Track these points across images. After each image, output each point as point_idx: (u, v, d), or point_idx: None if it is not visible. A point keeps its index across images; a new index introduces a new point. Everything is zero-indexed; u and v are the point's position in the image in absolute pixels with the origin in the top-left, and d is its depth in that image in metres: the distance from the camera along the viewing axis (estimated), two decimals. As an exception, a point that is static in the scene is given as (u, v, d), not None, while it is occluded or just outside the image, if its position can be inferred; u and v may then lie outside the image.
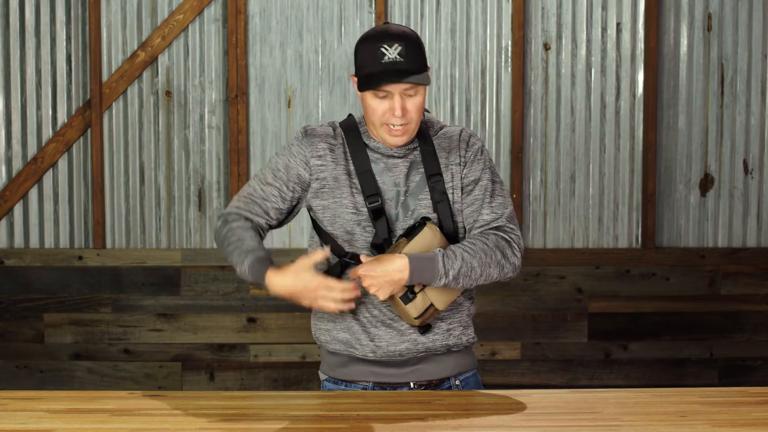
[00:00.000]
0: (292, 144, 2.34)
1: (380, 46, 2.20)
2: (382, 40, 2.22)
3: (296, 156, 2.32)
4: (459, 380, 2.39)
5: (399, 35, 2.22)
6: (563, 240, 4.42)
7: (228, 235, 2.30)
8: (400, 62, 2.20)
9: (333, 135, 2.34)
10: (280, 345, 4.36)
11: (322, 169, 2.30)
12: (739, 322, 4.42)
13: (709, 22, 4.37)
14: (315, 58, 4.35)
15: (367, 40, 2.25)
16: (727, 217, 4.43)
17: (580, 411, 2.11)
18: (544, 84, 4.38)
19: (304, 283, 2.18)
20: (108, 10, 4.29)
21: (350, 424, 2.00)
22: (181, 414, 2.08)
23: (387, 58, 2.20)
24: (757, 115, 4.40)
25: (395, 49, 2.20)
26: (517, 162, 4.36)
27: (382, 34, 2.23)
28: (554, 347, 4.39)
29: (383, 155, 2.32)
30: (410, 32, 2.25)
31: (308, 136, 2.33)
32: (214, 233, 2.38)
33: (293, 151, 2.33)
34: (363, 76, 2.23)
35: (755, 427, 1.99)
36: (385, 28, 2.26)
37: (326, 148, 2.31)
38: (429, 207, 2.30)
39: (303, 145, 2.32)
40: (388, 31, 2.24)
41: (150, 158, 4.35)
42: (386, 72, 2.20)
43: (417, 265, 2.17)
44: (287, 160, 2.33)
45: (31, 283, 4.33)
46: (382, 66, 2.20)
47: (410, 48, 2.22)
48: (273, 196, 2.33)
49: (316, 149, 2.31)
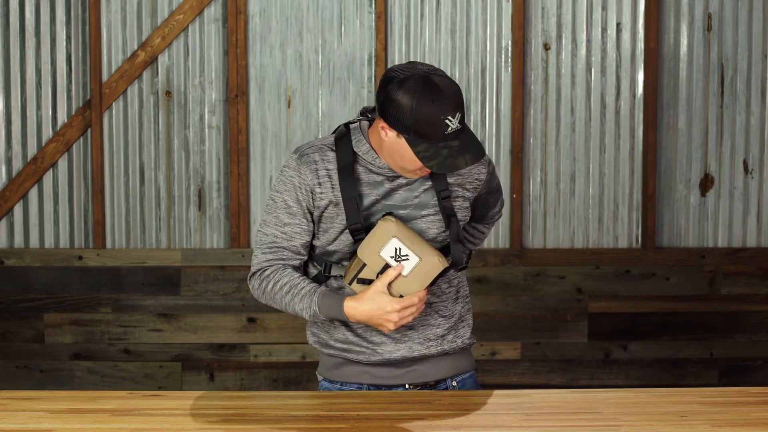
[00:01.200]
0: (292, 176, 2.27)
1: (444, 117, 2.09)
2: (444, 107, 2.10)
3: (300, 187, 2.26)
4: (456, 382, 2.38)
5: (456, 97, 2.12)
6: (563, 240, 4.42)
7: (275, 288, 2.26)
8: (459, 130, 2.12)
9: (329, 158, 2.27)
10: (280, 345, 4.36)
11: (322, 197, 2.26)
12: (739, 322, 4.42)
13: (709, 22, 4.37)
14: (315, 58, 4.35)
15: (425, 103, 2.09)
16: (727, 217, 4.44)
17: (580, 411, 2.11)
18: (544, 84, 4.38)
19: (380, 306, 2.16)
20: (108, 10, 4.29)
21: (350, 424, 2.00)
22: (181, 414, 2.08)
23: (450, 129, 2.11)
24: (757, 115, 4.40)
25: (457, 119, 2.12)
26: (517, 162, 4.36)
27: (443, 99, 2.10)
28: (554, 347, 4.39)
29: (383, 176, 2.27)
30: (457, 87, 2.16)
31: (305, 163, 2.26)
32: (255, 293, 2.32)
33: (296, 182, 2.26)
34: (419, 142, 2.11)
35: (755, 427, 1.99)
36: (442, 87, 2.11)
37: (325, 175, 2.26)
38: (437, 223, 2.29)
39: (303, 174, 2.25)
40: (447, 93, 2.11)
41: (150, 158, 4.35)
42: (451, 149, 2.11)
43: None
44: (296, 194, 2.26)
45: (31, 283, 4.33)
46: (446, 137, 2.11)
47: (463, 108, 2.14)
48: (297, 234, 2.28)
49: (317, 176, 2.26)
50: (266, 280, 2.28)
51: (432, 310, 2.33)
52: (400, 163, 2.20)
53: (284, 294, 2.25)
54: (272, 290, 2.27)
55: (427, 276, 2.18)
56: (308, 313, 2.23)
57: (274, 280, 2.27)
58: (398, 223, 2.21)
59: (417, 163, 2.16)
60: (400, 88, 2.11)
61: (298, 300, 2.23)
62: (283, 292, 2.25)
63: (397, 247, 2.18)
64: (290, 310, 2.26)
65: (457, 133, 2.12)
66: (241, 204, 4.33)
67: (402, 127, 2.12)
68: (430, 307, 2.33)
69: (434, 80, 2.12)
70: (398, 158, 2.19)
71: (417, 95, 2.10)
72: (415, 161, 2.15)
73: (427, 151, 2.11)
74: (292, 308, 2.26)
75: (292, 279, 2.25)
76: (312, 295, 2.22)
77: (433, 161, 2.11)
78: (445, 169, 2.12)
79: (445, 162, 2.11)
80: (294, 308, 2.25)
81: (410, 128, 2.11)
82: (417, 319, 2.29)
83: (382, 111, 2.16)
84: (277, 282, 2.26)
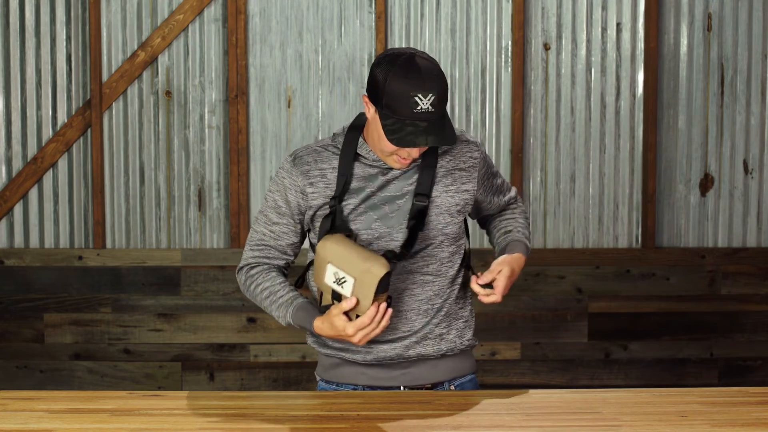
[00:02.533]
0: (283, 177, 2.30)
1: (414, 94, 2.11)
2: (415, 84, 2.12)
3: (291, 188, 2.29)
4: (454, 385, 2.37)
5: (433, 79, 2.13)
6: (563, 240, 4.42)
7: (257, 290, 2.35)
8: (431, 113, 2.12)
9: (325, 157, 2.29)
10: (280, 345, 4.36)
11: (315, 196, 2.28)
12: (739, 322, 4.42)
13: (709, 22, 4.37)
14: (315, 58, 4.35)
15: (399, 76, 2.13)
16: (727, 217, 4.44)
17: (580, 411, 2.11)
18: (544, 84, 4.38)
19: (337, 330, 2.18)
20: (108, 10, 4.29)
21: (350, 424, 2.00)
22: (181, 414, 2.08)
23: (420, 108, 2.12)
24: (757, 115, 4.41)
25: (429, 100, 2.13)
26: (517, 162, 4.36)
27: (417, 76, 2.13)
28: (554, 347, 4.39)
29: (378, 168, 2.29)
30: (441, 73, 2.17)
31: (297, 165, 2.29)
32: (241, 288, 2.40)
33: (286, 183, 2.29)
34: (388, 115, 2.14)
35: (755, 427, 1.99)
36: (420, 66, 2.14)
37: (318, 175, 2.28)
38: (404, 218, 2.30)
39: (294, 176, 2.28)
40: (423, 72, 2.13)
41: (150, 158, 4.35)
42: (417, 127, 2.12)
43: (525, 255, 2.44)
44: (285, 195, 2.30)
45: (31, 283, 4.33)
46: (414, 115, 2.12)
47: (441, 95, 2.14)
48: (284, 234, 2.33)
49: (308, 177, 2.28)
50: (250, 280, 2.36)
51: (434, 310, 2.33)
52: (378, 145, 2.22)
53: (264, 298, 2.33)
54: (254, 291, 2.36)
55: (369, 289, 2.12)
56: (284, 321, 2.31)
57: (256, 282, 2.35)
58: (333, 242, 2.19)
59: (389, 144, 2.17)
60: (382, 64, 2.18)
61: (275, 308, 2.31)
62: (263, 296, 2.33)
63: (334, 272, 2.18)
64: (270, 313, 2.35)
65: (427, 114, 2.12)
66: (241, 204, 4.33)
67: (376, 99, 2.17)
68: (432, 308, 2.32)
69: (415, 60, 2.16)
70: (376, 137, 2.22)
71: (393, 70, 2.14)
72: (387, 140, 2.17)
73: (393, 125, 2.14)
74: (270, 312, 2.34)
75: (273, 285, 2.33)
76: (288, 307, 2.29)
77: (395, 135, 2.14)
78: (403, 143, 2.13)
79: (406, 138, 2.13)
80: (272, 313, 2.33)
81: (382, 100, 2.15)
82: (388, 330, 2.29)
83: (367, 87, 2.23)
84: (259, 285, 2.34)
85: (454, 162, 2.33)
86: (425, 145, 2.13)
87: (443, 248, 2.32)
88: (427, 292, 2.31)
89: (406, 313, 2.30)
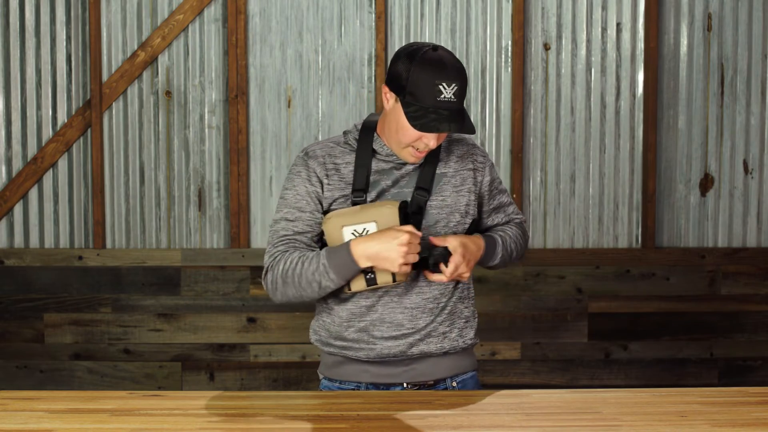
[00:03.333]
0: (300, 171, 2.31)
1: (439, 83, 2.15)
2: (440, 74, 2.16)
3: (310, 179, 2.30)
4: (456, 382, 2.38)
5: (457, 71, 2.17)
6: (563, 240, 4.42)
7: (287, 266, 2.24)
8: (453, 103, 2.16)
9: (338, 152, 2.32)
10: (280, 345, 4.36)
11: (330, 188, 2.30)
12: (739, 322, 4.42)
13: (709, 22, 4.37)
14: (315, 58, 4.35)
15: (423, 65, 2.17)
16: (727, 217, 4.44)
17: (580, 411, 2.11)
18: (544, 84, 4.38)
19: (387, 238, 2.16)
20: (108, 10, 4.29)
21: (350, 424, 2.00)
22: (181, 414, 2.08)
23: (443, 96, 2.15)
24: (757, 115, 4.40)
25: (452, 89, 2.16)
26: (517, 162, 4.36)
27: (441, 66, 2.17)
28: (554, 347, 4.39)
29: (392, 163, 2.32)
30: (462, 67, 2.21)
31: (312, 158, 2.31)
32: (270, 288, 2.28)
33: (303, 176, 2.30)
34: (411, 103, 2.18)
35: (755, 427, 1.99)
36: (443, 57, 2.18)
37: (333, 169, 2.31)
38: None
39: (311, 168, 2.30)
40: (447, 63, 2.17)
41: (150, 158, 4.35)
42: (440, 115, 2.16)
43: (490, 245, 2.35)
44: (305, 187, 2.30)
45: (31, 283, 4.33)
46: (437, 104, 2.16)
47: (463, 86, 2.18)
48: (308, 226, 2.30)
49: (324, 169, 2.30)
50: (277, 266, 2.26)
51: (439, 308, 2.34)
52: (395, 137, 2.25)
53: (294, 267, 2.23)
54: (284, 270, 2.24)
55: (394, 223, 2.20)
56: (318, 272, 2.21)
57: (284, 260, 2.25)
58: (338, 212, 2.25)
59: (409, 133, 2.20)
60: (405, 55, 2.21)
61: (307, 265, 2.22)
62: (293, 266, 2.23)
63: (352, 231, 2.22)
64: (304, 283, 2.23)
65: (449, 104, 2.16)
66: (241, 204, 4.33)
67: (399, 88, 2.20)
68: (437, 307, 2.34)
69: (438, 51, 2.20)
70: (394, 129, 2.24)
71: (417, 59, 2.18)
72: (407, 129, 2.20)
73: (416, 112, 2.17)
74: (305, 278, 2.22)
75: (302, 253, 2.25)
76: (319, 253, 2.22)
77: (418, 121, 2.17)
78: (426, 129, 2.16)
79: (429, 124, 2.16)
80: (306, 277, 2.22)
81: (405, 88, 2.18)
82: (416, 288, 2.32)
83: (387, 78, 2.25)
84: (287, 260, 2.24)
85: (462, 163, 2.38)
86: (448, 131, 2.16)
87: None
88: (432, 291, 2.34)
89: (412, 311, 2.32)
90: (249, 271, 4.31)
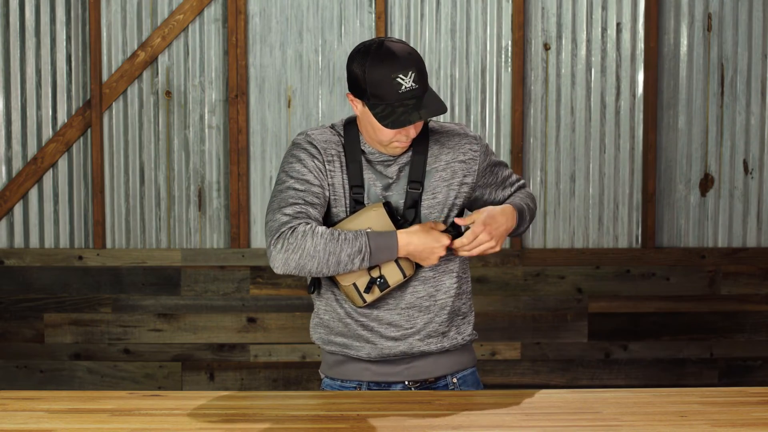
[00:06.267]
0: (306, 148, 2.27)
1: (395, 76, 2.14)
2: (394, 66, 2.15)
3: (316, 157, 2.27)
4: (456, 378, 2.39)
5: (409, 57, 2.16)
6: (563, 240, 4.42)
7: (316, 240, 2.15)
8: (417, 89, 2.16)
9: (334, 141, 2.30)
10: (280, 345, 4.36)
11: (333, 174, 2.28)
12: (739, 322, 4.42)
13: (709, 22, 4.37)
14: (315, 58, 4.35)
15: (375, 64, 2.16)
16: (727, 217, 4.44)
17: (580, 411, 2.11)
18: (544, 84, 4.38)
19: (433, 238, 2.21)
20: (108, 10, 4.29)
21: (350, 424, 2.00)
22: (181, 414, 2.08)
23: (404, 87, 2.15)
24: (757, 115, 4.40)
25: (411, 77, 2.15)
26: (517, 162, 4.36)
27: (392, 58, 2.15)
28: (554, 347, 4.39)
29: (377, 161, 2.31)
30: (413, 50, 2.19)
31: (316, 140, 2.29)
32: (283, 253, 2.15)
33: (312, 152, 2.27)
34: (376, 103, 2.17)
35: (755, 427, 1.99)
36: (391, 49, 2.17)
37: (334, 155, 2.29)
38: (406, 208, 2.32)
39: (313, 148, 2.28)
40: (397, 54, 2.16)
41: (150, 158, 4.35)
42: (407, 107, 2.15)
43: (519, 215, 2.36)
44: (314, 162, 2.25)
45: (31, 283, 4.33)
46: (402, 96, 2.15)
47: (421, 69, 2.17)
48: (318, 199, 2.24)
49: (326, 154, 2.28)
50: (303, 234, 2.15)
51: (438, 307, 2.34)
52: (374, 137, 2.24)
53: (326, 244, 2.15)
54: (314, 245, 2.15)
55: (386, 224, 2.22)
56: (355, 255, 2.16)
57: (311, 232, 2.16)
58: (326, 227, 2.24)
59: (385, 132, 2.20)
60: (356, 58, 2.21)
61: (344, 246, 2.16)
62: (325, 243, 2.15)
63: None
64: (332, 261, 2.16)
65: (413, 92, 2.16)
66: (241, 204, 4.33)
67: (360, 92, 2.20)
68: (435, 305, 2.34)
69: (386, 45, 2.19)
70: (371, 130, 2.24)
71: (368, 59, 2.17)
72: (381, 129, 2.20)
73: (383, 111, 2.17)
74: (336, 257, 2.16)
75: (332, 231, 2.18)
76: (359, 235, 2.18)
77: (388, 119, 2.16)
78: (399, 124, 2.15)
79: (399, 118, 2.15)
80: (339, 257, 2.16)
81: (366, 91, 2.18)
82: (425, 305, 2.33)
83: (348, 85, 2.25)
84: (316, 234, 2.16)
85: (453, 154, 2.34)
86: (419, 120, 2.15)
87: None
88: (428, 289, 2.33)
89: (409, 311, 2.32)
90: (249, 271, 4.31)
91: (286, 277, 4.31)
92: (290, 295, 4.33)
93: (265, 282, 4.32)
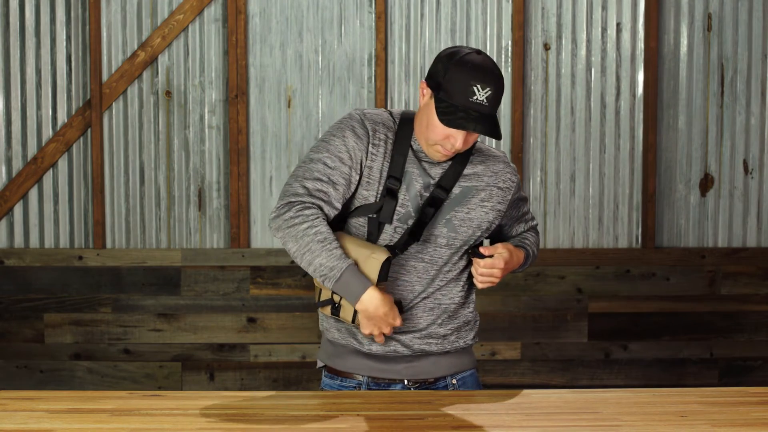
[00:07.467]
0: (354, 126, 2.27)
1: (473, 84, 2.16)
2: (476, 76, 2.17)
3: (356, 137, 2.26)
4: (456, 379, 2.40)
5: (494, 77, 2.19)
6: (563, 240, 4.42)
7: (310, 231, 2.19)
8: (484, 106, 2.17)
9: (388, 127, 2.31)
10: (280, 345, 4.36)
11: (374, 158, 2.28)
12: (739, 322, 4.42)
13: (709, 22, 4.37)
14: (315, 58, 4.35)
15: (461, 65, 2.19)
16: (727, 217, 4.44)
17: (580, 411, 2.11)
18: (544, 84, 4.38)
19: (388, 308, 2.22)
20: (108, 10, 4.29)
21: (350, 424, 2.00)
22: (181, 414, 2.08)
23: (476, 98, 2.17)
24: (757, 115, 4.40)
25: (485, 93, 2.17)
26: (517, 162, 4.36)
27: (479, 69, 2.18)
28: (554, 347, 4.39)
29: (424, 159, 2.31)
30: (501, 75, 2.22)
31: (368, 120, 2.29)
32: (276, 222, 2.23)
33: (359, 131, 2.27)
34: (444, 99, 2.19)
35: (755, 427, 1.99)
36: (483, 62, 2.20)
37: (382, 140, 2.29)
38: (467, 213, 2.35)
39: (367, 126, 2.28)
40: (485, 67, 2.19)
41: (150, 158, 4.35)
42: (469, 115, 2.16)
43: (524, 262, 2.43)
44: (354, 143, 2.26)
45: (31, 283, 4.33)
46: (469, 104, 2.17)
47: (498, 93, 2.19)
48: (344, 180, 2.26)
49: (375, 137, 2.28)
50: (303, 218, 2.21)
51: (441, 310, 2.35)
52: (425, 133, 2.25)
53: (316, 241, 2.19)
54: (304, 230, 2.20)
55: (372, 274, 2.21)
56: (330, 273, 2.19)
57: (312, 224, 2.20)
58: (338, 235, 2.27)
59: (437, 130, 2.21)
60: (447, 54, 2.24)
61: (325, 254, 2.18)
62: (315, 239, 2.19)
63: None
64: (306, 258, 2.20)
65: (481, 106, 2.17)
66: (241, 204, 4.33)
67: (435, 85, 2.22)
68: (439, 308, 2.35)
69: (480, 56, 2.22)
70: (425, 124, 2.24)
71: (457, 59, 2.20)
72: (435, 125, 2.21)
73: (446, 109, 2.19)
74: (311, 256, 2.19)
75: (329, 235, 2.20)
76: (343, 260, 2.19)
77: (446, 117, 2.18)
78: (453, 125, 2.17)
79: (456, 121, 2.17)
80: (314, 260, 2.19)
81: (441, 85, 2.20)
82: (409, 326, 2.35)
83: (427, 74, 2.27)
84: (314, 227, 2.20)
85: (495, 179, 2.38)
86: (473, 131, 2.18)
87: (463, 258, 2.37)
88: (436, 295, 2.35)
89: (413, 311, 2.33)
90: (249, 271, 4.31)
91: (286, 277, 4.32)
92: (290, 295, 4.33)
93: (265, 282, 4.32)
